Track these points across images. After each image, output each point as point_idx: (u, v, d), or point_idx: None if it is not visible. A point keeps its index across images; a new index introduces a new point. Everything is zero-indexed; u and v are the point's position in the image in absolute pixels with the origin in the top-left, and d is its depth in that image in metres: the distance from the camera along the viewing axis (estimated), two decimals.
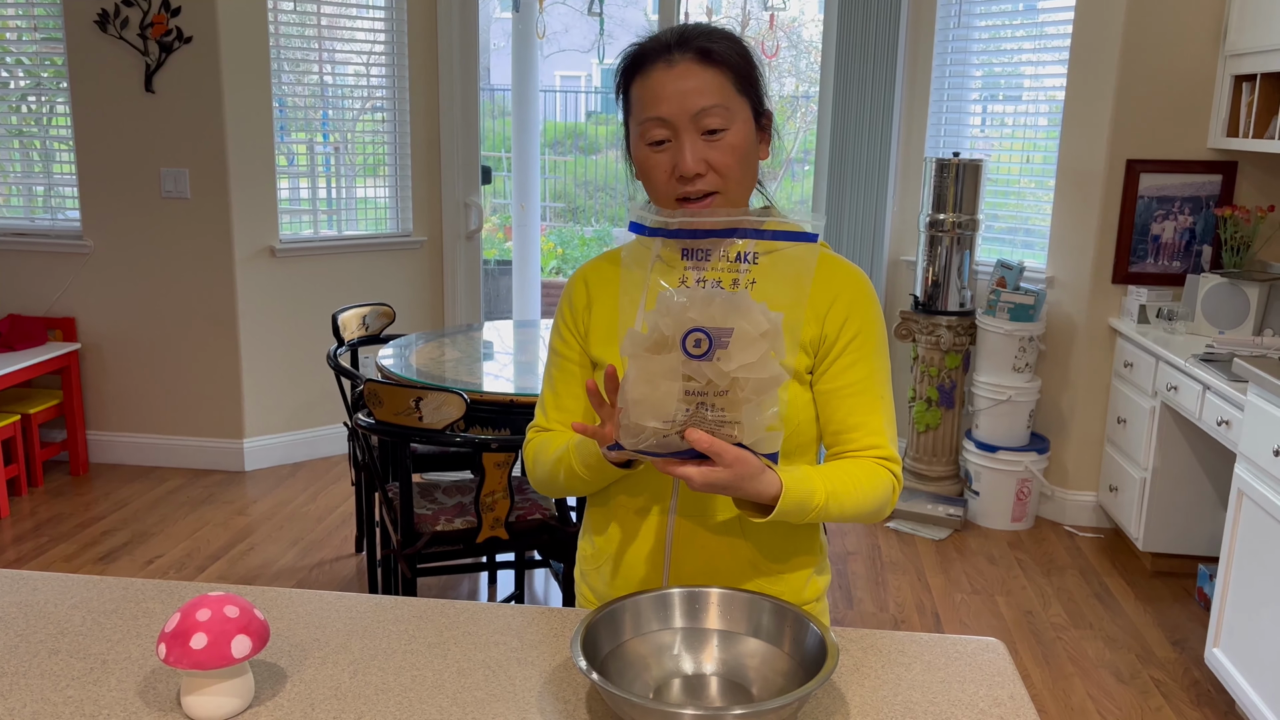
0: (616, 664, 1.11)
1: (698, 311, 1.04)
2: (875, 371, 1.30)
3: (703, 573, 1.31)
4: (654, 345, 1.05)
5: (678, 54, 1.22)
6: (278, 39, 4.26)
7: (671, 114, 1.21)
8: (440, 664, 1.18)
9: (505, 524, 2.65)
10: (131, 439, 4.47)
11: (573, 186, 10.36)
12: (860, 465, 1.27)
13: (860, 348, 1.29)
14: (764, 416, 1.07)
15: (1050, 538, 3.93)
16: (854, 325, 1.28)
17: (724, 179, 1.24)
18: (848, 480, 1.24)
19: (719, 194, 1.25)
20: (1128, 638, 3.17)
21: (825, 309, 1.28)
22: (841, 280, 1.30)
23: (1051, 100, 4.03)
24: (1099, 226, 3.85)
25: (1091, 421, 3.99)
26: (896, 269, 4.53)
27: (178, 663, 1.01)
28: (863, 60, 4.28)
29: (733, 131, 1.23)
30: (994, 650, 1.25)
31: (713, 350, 1.03)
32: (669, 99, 1.21)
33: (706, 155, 1.22)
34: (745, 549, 1.30)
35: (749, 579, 1.31)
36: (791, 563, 1.33)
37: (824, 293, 1.28)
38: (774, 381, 1.05)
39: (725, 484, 1.09)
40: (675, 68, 1.21)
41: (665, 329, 1.04)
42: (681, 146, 1.21)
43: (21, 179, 4.43)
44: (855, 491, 1.24)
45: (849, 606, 3.32)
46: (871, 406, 1.30)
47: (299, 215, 4.50)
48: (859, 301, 1.29)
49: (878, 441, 1.30)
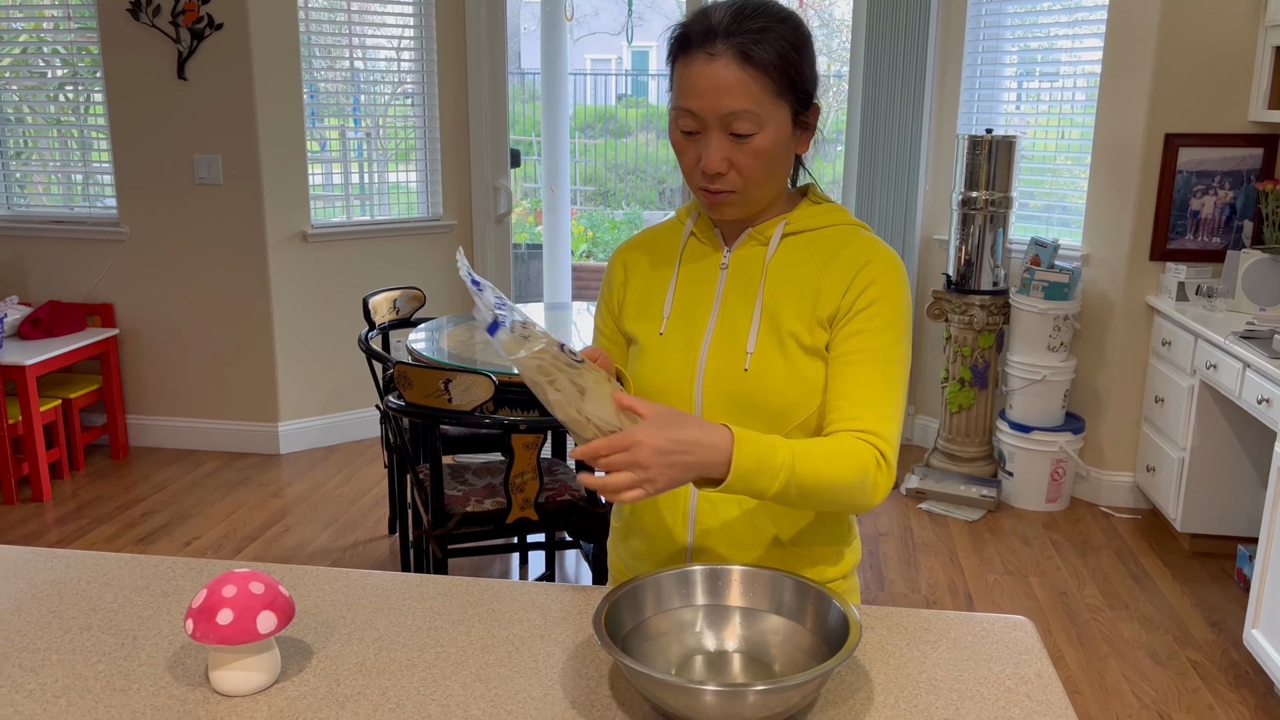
0: (638, 641, 1.11)
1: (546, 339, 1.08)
2: (884, 347, 1.23)
3: (725, 547, 1.31)
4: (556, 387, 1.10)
5: (721, 46, 1.17)
6: (308, 25, 4.28)
7: (701, 110, 1.19)
8: (464, 640, 1.19)
9: (535, 505, 2.66)
10: (169, 422, 4.54)
11: (603, 170, 10.34)
12: (833, 438, 1.19)
13: (872, 319, 1.24)
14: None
15: (1086, 518, 3.88)
16: (870, 296, 1.24)
17: (745, 181, 1.22)
18: (813, 446, 1.15)
19: (738, 193, 1.24)
20: (1164, 619, 3.13)
21: (847, 283, 1.25)
22: (870, 256, 1.26)
23: (1087, 75, 3.96)
24: (1136, 202, 3.78)
25: (1128, 401, 3.93)
26: (929, 248, 4.48)
27: (204, 638, 1.03)
28: (894, 38, 4.23)
29: (761, 137, 1.19)
30: (1022, 628, 1.24)
31: (574, 352, 1.09)
32: (701, 94, 1.18)
33: (731, 156, 1.20)
34: (768, 525, 1.30)
35: (773, 556, 1.30)
36: (817, 539, 1.32)
37: (851, 267, 1.26)
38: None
39: (667, 446, 1.06)
40: (714, 62, 1.17)
41: (551, 373, 1.08)
42: (708, 144, 1.20)
43: (60, 168, 4.50)
44: (823, 457, 1.14)
45: (880, 588, 3.30)
46: (868, 379, 1.23)
47: (332, 201, 4.53)
48: (882, 278, 1.25)
49: (863, 414, 1.21)
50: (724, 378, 1.26)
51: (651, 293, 1.35)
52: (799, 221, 1.29)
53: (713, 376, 1.27)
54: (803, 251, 1.28)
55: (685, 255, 1.35)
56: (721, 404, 1.27)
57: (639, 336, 1.34)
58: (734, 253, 1.30)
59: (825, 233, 1.29)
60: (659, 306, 1.33)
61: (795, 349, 1.24)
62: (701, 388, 1.27)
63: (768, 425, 1.25)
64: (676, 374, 1.29)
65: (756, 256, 1.29)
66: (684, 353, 1.29)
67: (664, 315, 1.32)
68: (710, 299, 1.30)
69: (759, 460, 1.10)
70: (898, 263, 1.27)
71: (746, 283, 1.28)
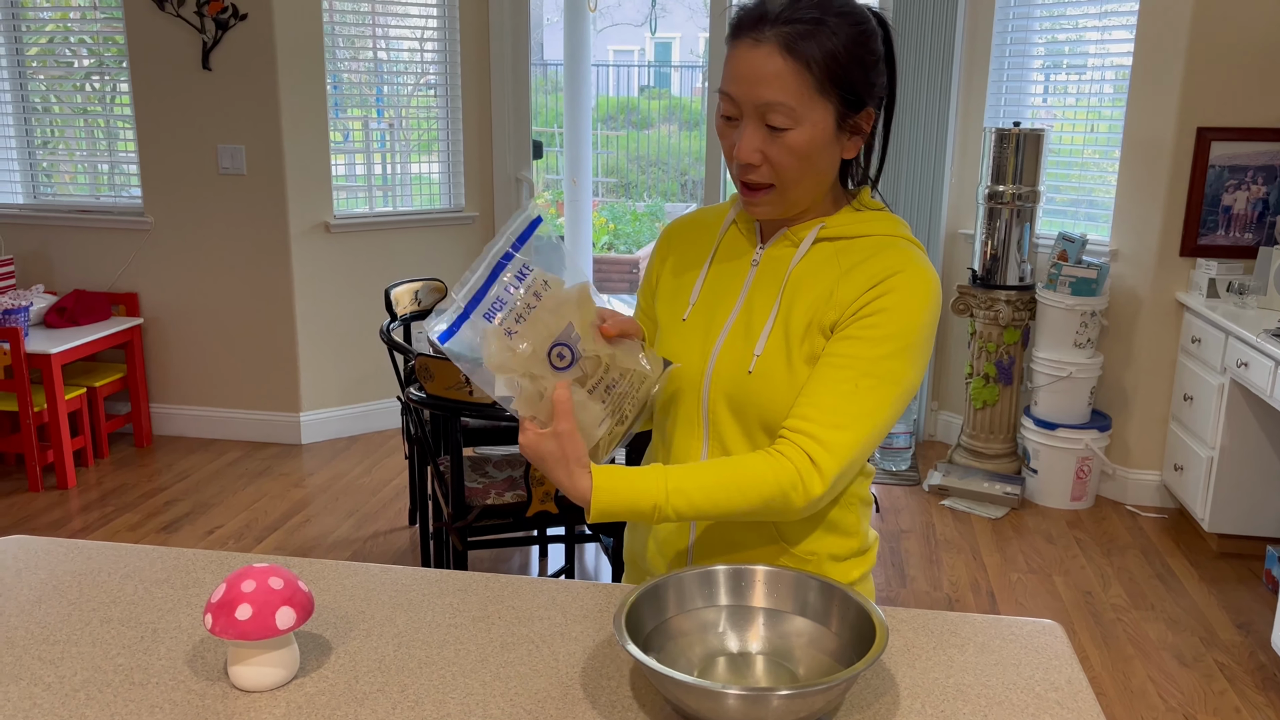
0: (660, 641, 1.10)
1: (534, 339, 1.10)
2: (872, 359, 1.15)
3: (724, 549, 1.29)
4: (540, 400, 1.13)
5: (769, 33, 1.13)
6: (332, 15, 4.28)
7: (739, 96, 1.16)
8: (484, 637, 1.18)
9: (555, 498, 2.65)
10: (193, 411, 4.57)
11: (625, 161, 10.32)
12: (749, 458, 1.14)
13: (870, 328, 1.16)
14: (632, 347, 1.17)
15: (1111, 517, 3.84)
16: (879, 305, 1.17)
17: (779, 177, 1.18)
18: (705, 476, 1.13)
19: (774, 189, 1.20)
20: (1191, 620, 3.08)
21: (861, 291, 1.19)
22: (897, 268, 1.18)
23: (1117, 68, 3.90)
24: (1166, 197, 3.73)
25: (1156, 399, 3.88)
26: (954, 242, 4.43)
27: (223, 633, 1.02)
28: (920, 30, 4.18)
29: (797, 133, 1.15)
30: (1051, 632, 1.22)
31: (574, 349, 1.12)
32: (740, 80, 1.15)
33: (764, 148, 1.17)
34: (766, 527, 1.28)
35: (773, 559, 1.28)
36: (821, 545, 1.29)
37: (871, 277, 1.19)
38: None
39: (543, 456, 1.11)
40: (758, 49, 1.13)
41: (536, 380, 1.12)
42: (742, 133, 1.17)
43: (86, 158, 4.52)
44: (716, 488, 1.13)
45: (902, 585, 3.28)
46: (835, 384, 1.15)
47: (355, 191, 4.53)
48: (901, 291, 1.17)
49: (812, 417, 1.14)
50: (729, 376, 1.24)
51: (684, 277, 1.33)
52: (836, 227, 1.25)
53: (720, 373, 1.25)
54: (832, 259, 1.23)
55: (722, 245, 1.33)
56: (723, 401, 1.25)
57: (663, 319, 1.33)
58: (766, 251, 1.28)
59: (862, 242, 1.23)
60: (688, 292, 1.32)
61: (799, 357, 1.21)
62: (709, 382, 1.26)
63: (763, 429, 1.23)
64: (690, 364, 1.27)
65: (785, 258, 1.26)
66: (701, 344, 1.27)
67: (690, 302, 1.30)
68: (736, 294, 1.28)
69: (623, 506, 1.13)
70: (928, 282, 1.19)
71: (771, 283, 1.26)
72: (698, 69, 14.91)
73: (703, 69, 13.17)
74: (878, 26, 1.20)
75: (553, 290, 1.12)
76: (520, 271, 1.11)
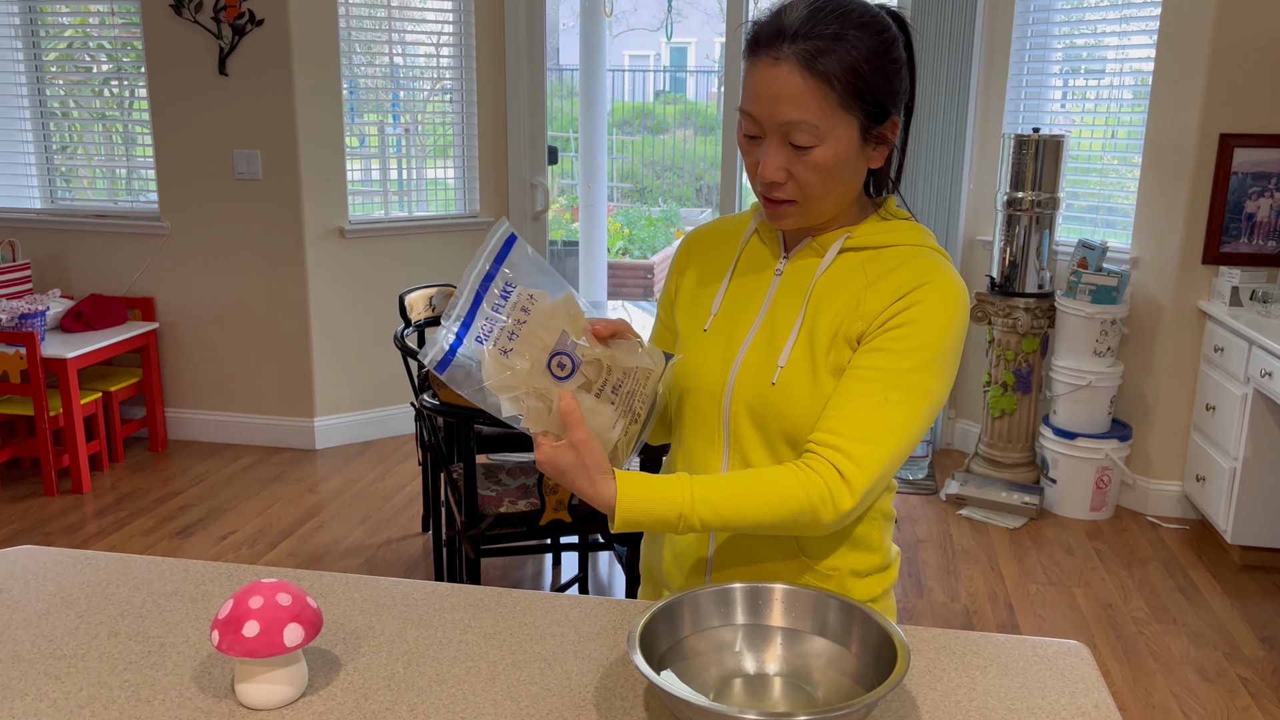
0: (675, 661, 1.07)
1: (531, 353, 1.10)
2: (900, 371, 1.13)
3: (743, 561, 1.27)
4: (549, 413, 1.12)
5: (787, 50, 1.10)
6: (348, 20, 4.28)
7: (760, 116, 1.14)
8: (496, 655, 1.16)
9: (569, 507, 2.63)
10: (207, 416, 4.57)
11: (640, 166, 10.30)
12: (778, 470, 1.12)
13: (898, 339, 1.14)
14: (630, 344, 1.15)
15: (1132, 528, 3.79)
16: (907, 317, 1.14)
17: (804, 193, 1.16)
18: (734, 486, 1.11)
19: (797, 204, 1.18)
20: (1214, 634, 3.04)
21: (889, 302, 1.16)
22: (925, 279, 1.16)
23: (1137, 73, 3.86)
24: (1188, 204, 3.68)
25: (1177, 408, 3.83)
26: (972, 249, 4.39)
27: (230, 650, 1.00)
28: (939, 35, 4.15)
29: (821, 150, 1.13)
30: (1077, 654, 1.19)
31: (573, 357, 1.11)
32: (761, 100, 1.13)
33: (790, 166, 1.14)
34: (787, 540, 1.25)
35: (795, 574, 1.26)
36: (844, 561, 1.27)
37: (899, 288, 1.16)
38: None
39: (563, 468, 1.09)
40: (777, 68, 1.10)
41: (540, 389, 1.12)
42: (766, 152, 1.15)
43: (105, 162, 4.53)
44: (744, 498, 1.11)
45: (919, 596, 3.24)
46: (863, 397, 1.13)
47: (370, 196, 4.53)
48: (930, 303, 1.14)
49: (841, 431, 1.12)
50: (752, 388, 1.22)
51: (705, 287, 1.31)
52: (862, 237, 1.22)
53: (742, 385, 1.22)
54: (857, 269, 1.21)
55: (744, 255, 1.30)
56: (745, 413, 1.22)
57: (683, 329, 1.31)
58: (790, 261, 1.25)
59: (889, 251, 1.21)
60: (709, 302, 1.29)
61: (824, 369, 1.18)
62: (731, 394, 1.23)
63: (786, 441, 1.20)
64: (711, 375, 1.25)
65: (810, 268, 1.23)
66: (722, 355, 1.25)
67: (712, 312, 1.28)
68: (758, 304, 1.25)
69: (648, 515, 1.11)
70: (956, 294, 1.16)
71: (795, 294, 1.23)
72: (713, 74, 14.90)
73: (718, 74, 13.11)
74: (899, 31, 1.18)
75: (539, 303, 1.11)
76: (504, 289, 1.11)
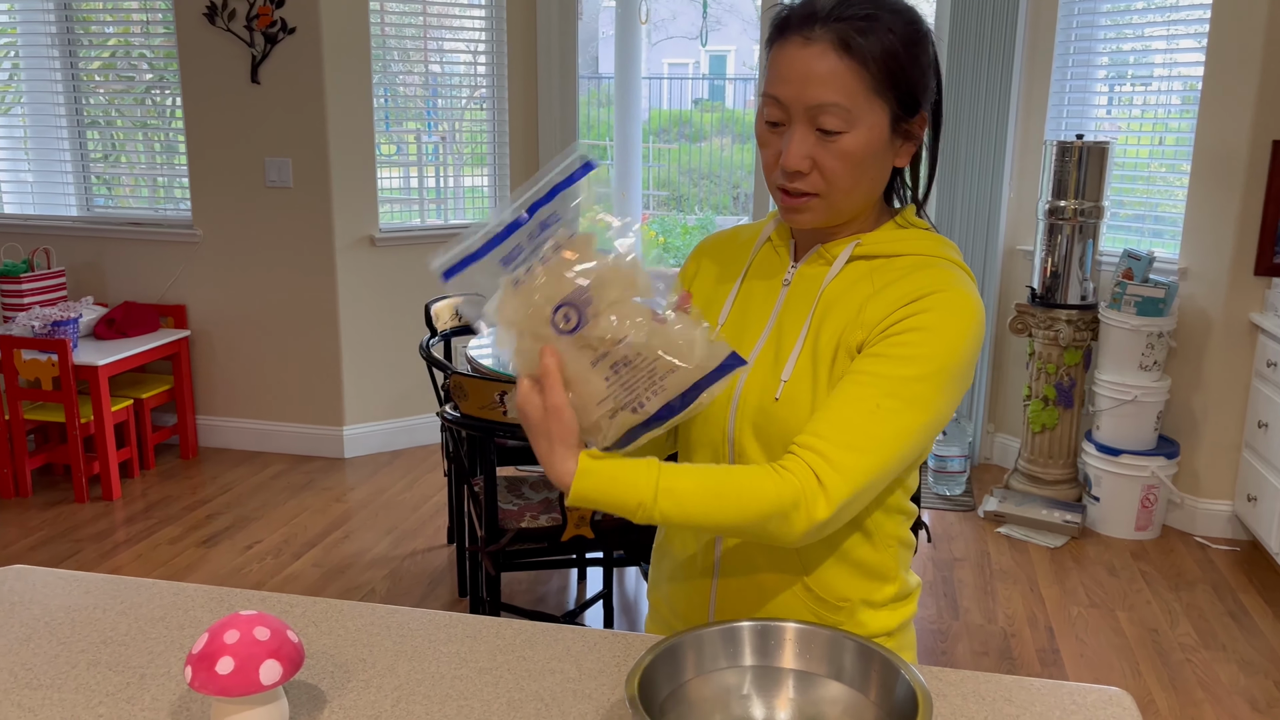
0: (677, 707, 1.00)
1: (543, 294, 0.98)
2: (897, 379, 1.04)
3: (748, 587, 1.20)
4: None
5: (820, 30, 1.04)
6: (383, 29, 4.27)
7: (787, 99, 1.06)
8: (490, 693, 1.09)
9: (591, 523, 2.56)
10: (238, 424, 4.56)
11: (677, 174, 10.24)
12: (752, 470, 1.03)
13: (899, 346, 1.06)
14: (688, 334, 0.99)
15: (1179, 549, 3.65)
16: (912, 324, 1.06)
17: (828, 184, 1.09)
18: (704, 480, 1.01)
19: (819, 198, 1.10)
20: (1265, 662, 2.90)
21: (892, 309, 1.08)
22: (935, 288, 1.08)
23: (1185, 79, 3.73)
24: (1240, 213, 3.54)
25: (1227, 425, 3.69)
26: (1012, 259, 4.27)
27: (203, 688, 0.95)
28: (979, 39, 4.04)
29: (851, 136, 1.06)
30: (1119, 703, 1.09)
31: (582, 313, 0.98)
32: (789, 81, 1.06)
33: (815, 154, 1.07)
34: (794, 562, 1.17)
35: (802, 603, 1.18)
36: (854, 590, 1.19)
37: (905, 295, 1.08)
38: (653, 305, 0.99)
39: (530, 422, 1.02)
40: (809, 47, 1.04)
41: (533, 334, 1.00)
42: (790, 138, 1.08)
43: (146, 171, 4.56)
44: (711, 496, 1.00)
45: (955, 617, 3.13)
46: (854, 402, 1.04)
47: (408, 205, 4.51)
48: (938, 311, 1.07)
49: (825, 434, 1.03)
50: (756, 404, 1.15)
51: (714, 298, 1.25)
52: (873, 245, 1.14)
53: (747, 400, 1.16)
54: (865, 277, 1.13)
55: (754, 264, 1.23)
56: (749, 430, 1.15)
57: None
58: (798, 270, 1.18)
59: (900, 260, 1.13)
60: (716, 311, 1.23)
61: (825, 383, 1.11)
62: (736, 409, 1.16)
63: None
64: None
65: (818, 277, 1.16)
66: None
67: (719, 322, 1.21)
68: (766, 316, 1.18)
69: (605, 495, 1.01)
70: (970, 306, 1.08)
71: (802, 304, 1.16)
72: (751, 81, 14.81)
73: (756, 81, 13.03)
74: (929, 29, 1.11)
75: (580, 247, 0.98)
76: (547, 220, 1.00)
